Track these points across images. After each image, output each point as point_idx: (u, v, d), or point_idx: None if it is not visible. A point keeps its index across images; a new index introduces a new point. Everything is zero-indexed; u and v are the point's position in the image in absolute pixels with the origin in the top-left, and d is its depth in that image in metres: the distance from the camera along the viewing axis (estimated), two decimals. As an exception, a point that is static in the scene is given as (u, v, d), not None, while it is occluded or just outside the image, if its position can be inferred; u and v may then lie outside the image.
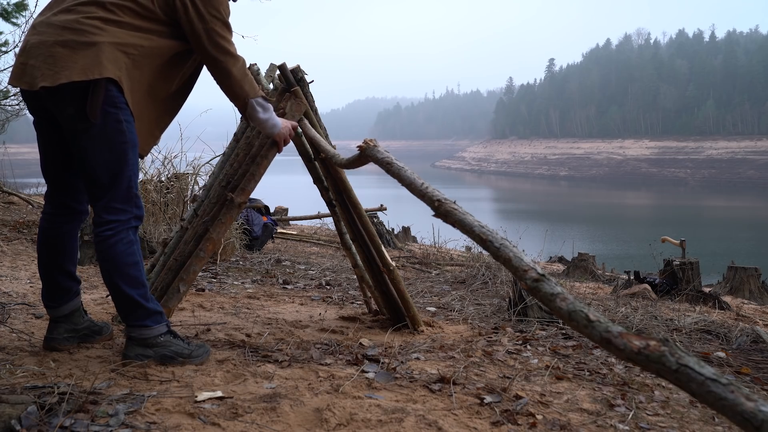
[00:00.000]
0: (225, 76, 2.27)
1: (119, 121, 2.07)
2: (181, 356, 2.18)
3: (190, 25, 2.16)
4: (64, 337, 2.30)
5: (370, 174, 30.16)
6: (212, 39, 2.18)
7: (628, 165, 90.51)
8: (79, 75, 1.98)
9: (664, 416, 2.07)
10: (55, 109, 2.07)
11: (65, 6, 2.08)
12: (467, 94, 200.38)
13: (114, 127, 2.07)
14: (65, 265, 2.31)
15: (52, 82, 1.97)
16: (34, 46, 2.03)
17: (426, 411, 1.89)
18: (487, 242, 1.30)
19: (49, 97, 2.04)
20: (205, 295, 3.69)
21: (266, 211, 6.78)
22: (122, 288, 2.14)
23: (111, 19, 2.06)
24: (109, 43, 2.03)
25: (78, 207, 2.30)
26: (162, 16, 2.15)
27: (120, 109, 2.07)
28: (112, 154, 2.09)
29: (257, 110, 2.38)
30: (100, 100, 2.02)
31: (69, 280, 2.33)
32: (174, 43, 2.19)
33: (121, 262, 2.14)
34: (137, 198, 2.20)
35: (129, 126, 2.11)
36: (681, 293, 5.34)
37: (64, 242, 2.28)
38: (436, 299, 4.05)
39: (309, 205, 10.13)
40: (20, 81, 2.05)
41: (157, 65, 2.17)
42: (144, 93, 2.16)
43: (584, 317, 1.02)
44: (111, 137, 2.07)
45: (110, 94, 2.04)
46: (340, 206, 2.98)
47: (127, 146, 2.11)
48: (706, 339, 3.30)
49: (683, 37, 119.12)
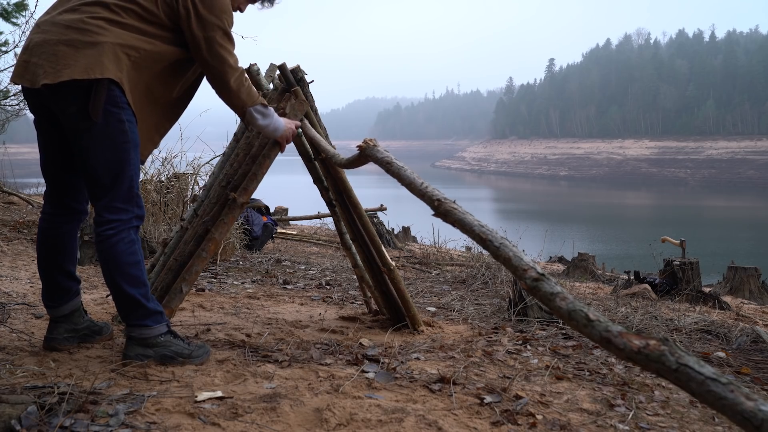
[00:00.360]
0: (221, 86, 2.27)
1: (121, 120, 2.08)
2: (182, 356, 2.18)
3: (190, 31, 2.16)
4: (64, 337, 2.30)
5: (370, 174, 30.17)
6: (211, 47, 2.18)
7: (628, 165, 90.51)
8: (81, 73, 1.98)
9: (664, 416, 2.07)
10: (57, 107, 2.07)
11: (70, 6, 2.09)
12: (467, 94, 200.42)
13: (116, 126, 2.07)
14: (65, 264, 2.31)
15: (53, 79, 1.97)
16: (38, 45, 2.04)
17: (426, 411, 1.89)
18: (487, 242, 1.30)
19: (50, 95, 2.05)
20: (205, 295, 3.69)
21: (266, 211, 6.78)
22: (123, 287, 2.14)
23: (115, 20, 2.07)
24: (112, 43, 2.04)
25: (78, 207, 2.31)
26: (166, 21, 2.15)
27: (122, 109, 2.08)
28: (113, 153, 2.09)
29: (256, 117, 2.38)
30: (103, 100, 2.03)
31: (69, 280, 2.33)
32: (176, 49, 2.19)
33: (122, 262, 2.14)
34: (138, 198, 2.20)
35: (131, 126, 2.12)
36: (681, 293, 5.34)
37: (63, 242, 2.28)
38: (436, 299, 4.05)
39: (309, 205, 10.14)
40: (22, 78, 2.06)
41: (157, 70, 2.17)
42: (143, 96, 2.16)
43: (584, 317, 1.02)
44: (113, 137, 2.08)
45: (112, 94, 2.05)
46: (340, 206, 2.98)
47: (129, 146, 2.12)
48: (706, 339, 3.30)
49: (683, 37, 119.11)
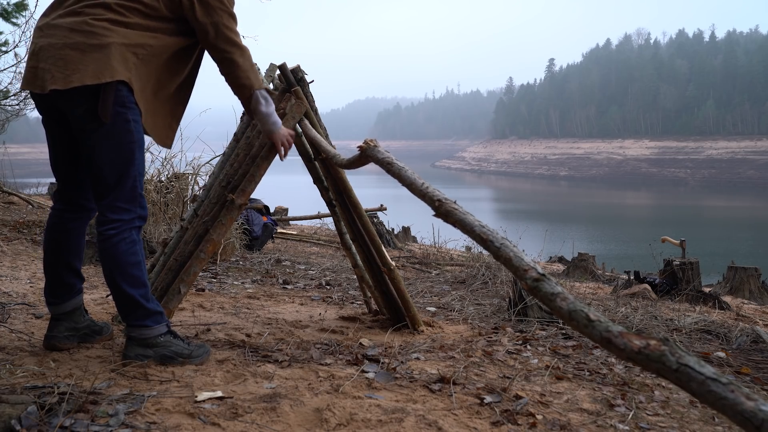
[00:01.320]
0: (231, 67, 2.28)
1: (128, 120, 2.10)
2: (181, 356, 2.18)
3: (196, 19, 2.18)
4: (65, 336, 2.31)
5: (370, 174, 30.16)
6: (219, 31, 2.21)
7: (628, 165, 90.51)
8: (92, 78, 2.00)
9: (664, 416, 2.07)
10: (66, 109, 2.09)
11: (71, 8, 2.09)
12: (467, 94, 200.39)
13: (123, 126, 2.09)
14: (71, 261, 2.32)
15: (63, 85, 1.99)
16: (44, 49, 2.05)
17: (426, 411, 1.89)
18: (488, 242, 1.30)
19: (59, 98, 2.06)
20: (205, 295, 3.69)
21: (266, 211, 6.78)
22: (123, 287, 2.15)
23: (119, 20, 2.08)
24: (119, 44, 2.05)
25: (87, 204, 2.33)
26: (167, 13, 2.17)
27: (129, 108, 2.10)
28: (119, 153, 2.11)
29: (261, 102, 2.39)
30: (111, 102, 2.05)
31: (73, 277, 2.34)
32: (180, 39, 2.22)
33: (123, 262, 2.14)
34: (142, 198, 2.21)
35: (137, 126, 2.14)
36: (681, 293, 5.34)
37: (70, 239, 2.30)
38: (436, 299, 4.05)
39: (309, 205, 10.13)
40: (32, 85, 2.07)
41: (164, 61, 2.19)
42: (154, 89, 2.19)
43: (584, 317, 1.02)
44: (119, 137, 2.10)
45: (120, 95, 2.07)
46: (340, 206, 2.98)
47: (134, 146, 2.14)
48: (706, 339, 3.30)
49: (683, 37, 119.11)
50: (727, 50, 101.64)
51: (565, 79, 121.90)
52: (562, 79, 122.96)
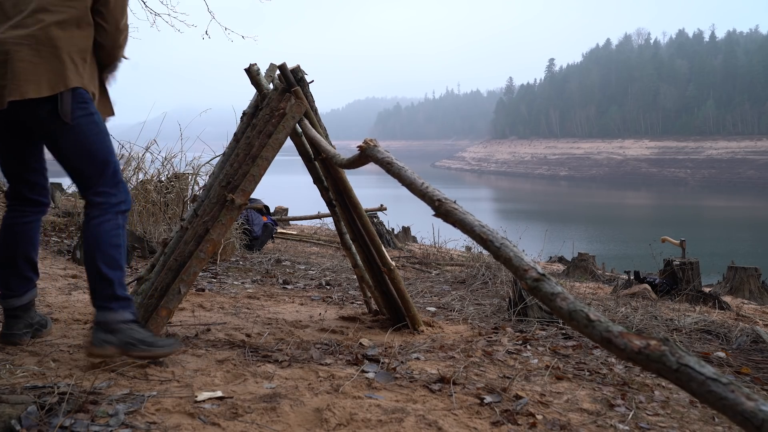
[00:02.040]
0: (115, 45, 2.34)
1: (91, 113, 2.20)
2: (144, 344, 2.14)
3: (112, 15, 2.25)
4: (24, 332, 2.36)
5: (370, 174, 30.13)
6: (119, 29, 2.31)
7: (628, 165, 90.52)
8: (48, 90, 2.09)
9: (664, 416, 2.07)
10: (26, 117, 2.16)
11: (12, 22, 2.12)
12: (467, 94, 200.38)
13: (88, 120, 2.19)
14: (30, 254, 2.39)
15: (20, 96, 2.06)
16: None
17: (426, 411, 1.89)
18: (488, 242, 1.30)
19: (20, 109, 2.12)
20: (205, 295, 3.69)
21: (266, 211, 6.78)
22: (100, 266, 2.17)
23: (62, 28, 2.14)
24: (68, 52, 2.14)
25: (41, 200, 2.41)
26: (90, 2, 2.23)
27: (89, 102, 2.20)
28: (92, 145, 2.20)
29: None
30: (70, 103, 2.14)
31: (30, 270, 2.42)
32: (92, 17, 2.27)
33: (104, 242, 2.18)
34: (124, 185, 2.30)
35: (98, 116, 2.25)
36: (681, 293, 5.34)
37: (29, 232, 2.38)
38: (436, 299, 4.05)
39: (309, 205, 10.13)
40: None
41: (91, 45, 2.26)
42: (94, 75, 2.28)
43: (585, 317, 1.02)
44: (87, 131, 2.19)
45: (77, 93, 2.16)
46: (340, 206, 2.98)
47: (103, 135, 2.24)
48: (706, 339, 3.30)
49: (683, 37, 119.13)
50: (727, 50, 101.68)
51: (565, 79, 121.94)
52: (562, 79, 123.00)
